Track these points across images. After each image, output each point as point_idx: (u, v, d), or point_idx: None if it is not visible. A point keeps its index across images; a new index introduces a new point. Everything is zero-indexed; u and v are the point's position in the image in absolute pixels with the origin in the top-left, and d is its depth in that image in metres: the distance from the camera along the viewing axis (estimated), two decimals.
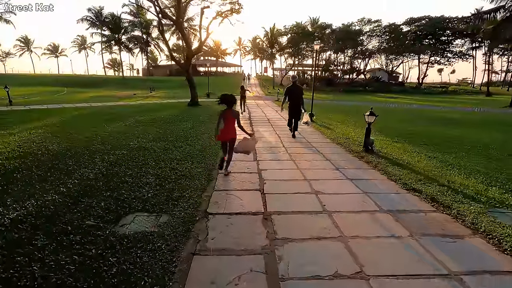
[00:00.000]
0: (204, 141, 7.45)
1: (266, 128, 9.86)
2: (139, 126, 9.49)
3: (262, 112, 14.85)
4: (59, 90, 29.52)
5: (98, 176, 4.54)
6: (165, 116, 12.16)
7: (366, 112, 6.60)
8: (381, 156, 6.21)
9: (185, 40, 16.00)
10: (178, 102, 19.64)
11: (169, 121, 10.85)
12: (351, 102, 24.81)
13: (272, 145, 7.28)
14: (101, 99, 21.24)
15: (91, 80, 46.42)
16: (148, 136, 7.84)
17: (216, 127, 5.07)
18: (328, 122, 11.58)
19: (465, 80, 75.28)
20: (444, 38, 50.92)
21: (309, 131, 9.40)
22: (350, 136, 8.56)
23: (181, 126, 9.62)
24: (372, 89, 48.78)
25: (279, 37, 48.97)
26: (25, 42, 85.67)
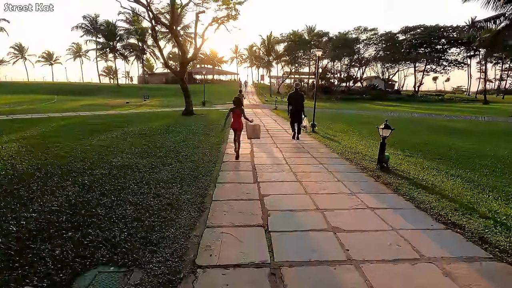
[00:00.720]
0: (197, 157, 6.63)
1: (267, 140, 9.06)
2: (127, 139, 8.64)
3: (260, 121, 14.09)
4: (49, 98, 28.58)
5: (63, 206, 3.68)
6: (157, 127, 11.33)
7: (380, 125, 5.84)
8: (398, 175, 5.44)
9: (180, 47, 15.32)
10: (172, 111, 18.84)
11: (160, 132, 10.02)
12: (351, 111, 24.22)
13: (274, 161, 6.48)
14: (92, 107, 20.37)
15: (85, 88, 45.51)
16: (135, 151, 7.00)
17: (224, 120, 7.17)
18: (331, 133, 10.84)
19: (460, 88, 75.76)
20: (439, 47, 51.31)
21: (313, 144, 8.62)
22: (358, 150, 7.80)
23: (172, 139, 8.79)
24: (369, 97, 48.54)
25: (276, 44, 48.76)
26: (19, 49, 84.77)
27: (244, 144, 8.26)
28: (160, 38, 44.43)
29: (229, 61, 73.57)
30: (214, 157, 6.65)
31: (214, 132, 10.41)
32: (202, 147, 7.72)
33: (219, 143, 8.36)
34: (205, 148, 7.53)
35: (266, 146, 8.21)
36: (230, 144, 8.29)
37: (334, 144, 8.57)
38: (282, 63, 54.40)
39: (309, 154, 7.28)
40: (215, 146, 7.83)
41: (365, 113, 22.42)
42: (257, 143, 8.42)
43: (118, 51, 49.26)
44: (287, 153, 7.31)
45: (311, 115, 11.66)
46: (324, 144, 8.58)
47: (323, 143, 8.74)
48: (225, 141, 8.64)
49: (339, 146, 8.31)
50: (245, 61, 70.57)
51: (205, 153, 7.03)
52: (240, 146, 6.80)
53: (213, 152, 7.16)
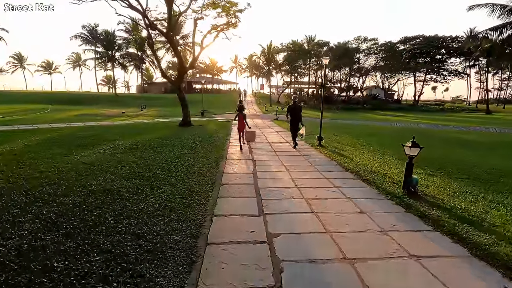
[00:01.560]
0: (192, 178, 5.74)
1: (270, 156, 8.19)
2: (115, 155, 7.76)
3: (261, 133, 13.26)
4: (44, 108, 27.80)
5: (7, 258, 2.78)
6: (150, 139, 10.47)
7: (406, 143, 4.99)
8: (431, 203, 4.56)
9: (177, 56, 14.60)
10: (169, 121, 18.02)
11: (153, 146, 9.15)
12: (353, 121, 23.46)
13: (281, 183, 5.59)
14: (86, 118, 19.54)
15: (82, 97, 44.83)
16: (121, 171, 6.11)
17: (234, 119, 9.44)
18: (339, 147, 9.99)
19: (459, 97, 75.68)
20: (439, 57, 51.35)
21: (322, 160, 7.74)
22: (374, 168, 6.93)
23: (165, 155, 7.92)
24: (370, 107, 48.07)
25: (276, 54, 48.48)
26: (18, 59, 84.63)
27: (246, 161, 7.39)
28: (159, 47, 44.16)
29: (228, 70, 73.37)
30: (211, 178, 5.77)
31: (213, 146, 9.54)
32: (198, 164, 6.84)
33: (218, 160, 7.48)
34: (201, 166, 6.65)
35: (271, 162, 7.33)
36: (230, 161, 7.42)
37: (345, 160, 7.70)
38: (282, 73, 54.10)
39: (319, 173, 6.40)
40: (213, 164, 6.95)
41: (369, 124, 21.66)
42: (261, 160, 7.54)
43: (116, 60, 48.84)
44: (294, 171, 6.43)
45: (316, 127, 10.85)
46: (334, 161, 7.71)
47: (333, 159, 7.87)
48: (224, 158, 7.76)
49: (351, 163, 7.44)
50: (245, 70, 70.40)
51: (202, 172, 6.14)
52: (243, 140, 9.18)
53: (211, 171, 6.28)
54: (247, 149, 9.10)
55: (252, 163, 7.23)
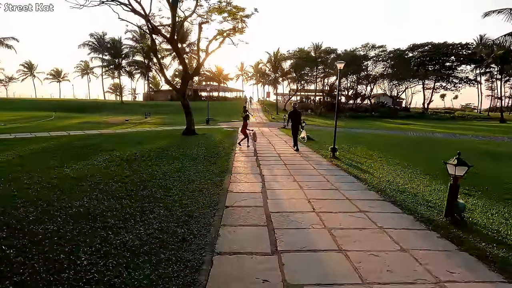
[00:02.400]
0: (191, 198, 4.93)
1: (280, 170, 7.34)
2: (109, 167, 7.03)
3: (269, 143, 12.44)
4: (48, 115, 27.55)
5: None
6: (150, 150, 9.74)
7: (450, 160, 4.10)
8: (485, 236, 3.65)
9: (181, 61, 14.01)
10: (173, 129, 17.36)
11: (152, 158, 8.40)
12: (365, 130, 22.50)
13: (296, 206, 4.73)
14: (88, 126, 19.03)
15: (88, 105, 44.87)
16: (111, 188, 5.35)
17: None
18: (355, 160, 9.10)
19: (469, 105, 74.04)
20: (449, 64, 50.36)
21: (340, 175, 6.85)
22: (401, 185, 6.04)
23: (164, 168, 7.15)
24: (378, 115, 47.07)
25: (282, 61, 48.03)
26: (28, 67, 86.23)
27: (255, 176, 6.55)
28: (166, 54, 44.11)
29: (234, 78, 73.30)
30: (214, 198, 4.96)
31: (217, 157, 8.75)
32: (199, 180, 6.04)
33: (222, 174, 6.67)
34: (203, 183, 5.85)
35: (281, 178, 6.48)
36: (235, 175, 6.60)
37: (366, 176, 6.82)
38: (289, 80, 53.57)
39: (339, 192, 5.53)
40: (217, 180, 6.14)
41: (381, 133, 20.69)
42: (270, 175, 6.71)
43: (123, 68, 48.97)
44: (309, 190, 5.57)
45: (327, 136, 9.99)
46: (353, 176, 6.82)
47: (352, 175, 6.98)
48: (228, 172, 6.95)
49: (373, 179, 6.56)
50: (251, 78, 70.23)
51: (203, 191, 5.33)
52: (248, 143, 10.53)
53: (214, 189, 5.46)
54: (254, 161, 8.28)
55: (260, 178, 6.40)
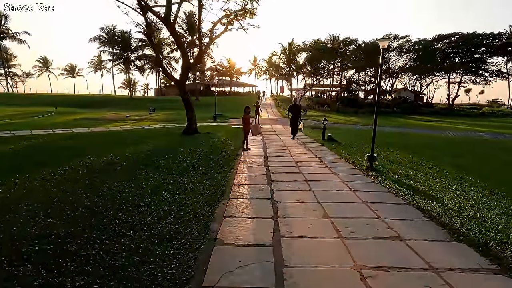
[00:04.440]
0: (166, 244, 2.83)
1: (302, 193, 5.10)
2: (64, 183, 5.05)
3: (283, 145, 10.20)
4: (49, 110, 26.32)
5: None
6: (135, 154, 7.76)
7: None
8: None
9: (181, 48, 11.91)
10: (175, 127, 15.42)
11: (131, 167, 6.40)
12: (392, 128, 19.82)
13: (333, 274, 2.55)
14: (84, 122, 17.41)
15: (97, 100, 43.87)
16: (64, 209, 3.44)
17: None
18: (401, 172, 6.76)
19: (496, 101, 68.71)
20: (478, 56, 46.12)
21: (393, 206, 4.54)
22: (488, 222, 3.71)
23: (137, 185, 5.10)
24: (400, 111, 43.71)
25: (297, 53, 45.27)
26: (44, 62, 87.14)
27: (263, 205, 4.35)
28: (174, 48, 42.38)
29: (247, 73, 70.97)
30: (186, 264, 2.83)
31: (216, 167, 6.64)
32: (176, 214, 3.93)
33: (215, 199, 4.54)
34: (181, 220, 3.73)
35: (307, 212, 4.25)
36: (234, 203, 4.43)
37: (433, 206, 4.49)
38: (304, 74, 50.79)
39: (400, 239, 3.29)
40: (204, 213, 4.01)
41: (412, 132, 18.00)
42: (290, 203, 4.49)
43: (132, 62, 47.65)
44: (356, 243, 3.33)
45: (350, 135, 7.66)
46: (415, 207, 4.50)
47: (406, 199, 4.69)
48: (225, 195, 4.80)
49: (440, 208, 4.28)
50: (264, 72, 67.77)
51: (174, 240, 3.21)
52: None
53: (192, 238, 3.33)
54: (264, 175, 6.09)
55: (272, 209, 4.20)
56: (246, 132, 9.03)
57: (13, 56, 67.40)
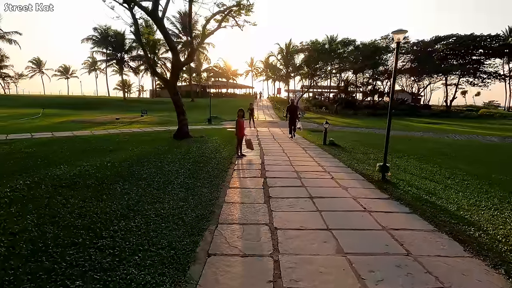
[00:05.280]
0: None
1: (308, 215, 4.21)
2: (32, 201, 4.11)
3: (282, 151, 9.31)
4: (36, 112, 25.17)
5: None
6: (117, 161, 6.82)
7: None
8: None
9: (169, 44, 10.96)
10: (165, 130, 14.47)
11: (112, 176, 5.50)
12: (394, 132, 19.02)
13: None
14: (70, 125, 16.38)
15: (89, 102, 42.71)
16: None
17: None
18: (417, 183, 5.90)
19: (492, 103, 68.64)
20: (476, 58, 45.81)
21: (422, 233, 3.63)
22: None
23: (118, 198, 4.18)
24: (399, 113, 43.11)
25: (295, 54, 44.49)
26: (37, 63, 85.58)
27: (258, 234, 3.43)
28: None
29: (244, 74, 70.12)
30: None
31: (206, 179, 5.73)
32: (160, 238, 3.02)
33: (198, 228, 3.62)
34: (165, 247, 2.84)
35: (316, 245, 3.36)
36: (223, 230, 3.48)
37: (466, 232, 3.62)
38: (301, 76, 50.06)
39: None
40: (190, 237, 3.13)
41: (417, 135, 17.21)
42: (293, 231, 3.59)
43: (126, 62, 46.57)
44: (374, 272, 2.47)
45: (356, 139, 6.82)
46: (434, 226, 3.64)
47: (434, 223, 3.82)
48: (212, 220, 3.89)
49: (484, 239, 3.40)
50: (261, 74, 67.01)
51: (156, 275, 2.31)
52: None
53: (173, 275, 2.42)
54: (262, 193, 5.18)
55: (271, 244, 3.27)
56: (240, 138, 8.11)
57: (5, 57, 65.96)
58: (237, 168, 6.85)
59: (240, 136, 8.05)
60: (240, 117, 8.01)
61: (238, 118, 8.01)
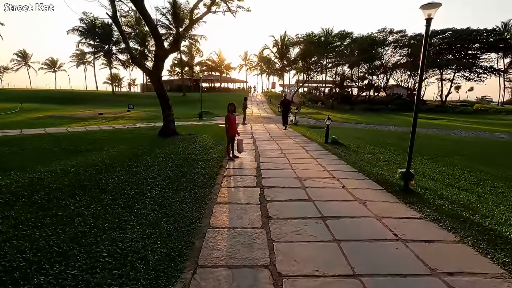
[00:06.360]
0: None
1: (327, 252, 3.13)
2: None
3: (280, 151, 8.18)
4: (14, 107, 23.50)
5: None
6: (84, 166, 5.61)
7: None
8: None
9: (152, 31, 9.57)
10: (151, 127, 13.19)
11: (70, 186, 4.32)
12: (397, 128, 18.10)
13: None
14: (47, 121, 14.96)
15: (75, 96, 40.83)
16: None
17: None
18: (446, 194, 4.85)
19: (485, 98, 68.70)
20: (472, 52, 45.25)
21: (475, 276, 2.60)
22: None
23: (67, 221, 3.01)
24: (395, 108, 42.42)
25: (290, 47, 43.18)
26: (22, 56, 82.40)
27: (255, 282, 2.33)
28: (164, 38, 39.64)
29: (237, 68, 68.48)
30: None
31: (189, 189, 4.58)
32: None
33: (173, 266, 2.49)
34: None
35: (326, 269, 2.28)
36: (208, 275, 2.35)
37: None
38: (295, 70, 48.83)
39: None
40: None
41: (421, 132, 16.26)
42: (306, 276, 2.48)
43: (114, 55, 44.62)
44: None
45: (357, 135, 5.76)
46: (499, 265, 2.59)
47: (496, 260, 2.76)
48: (192, 254, 2.75)
49: None
50: (255, 68, 65.56)
51: None
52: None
53: None
54: (258, 211, 4.06)
55: None
56: (231, 137, 6.93)
57: None
58: (228, 174, 5.71)
59: (231, 134, 6.88)
60: (230, 112, 6.81)
61: (229, 114, 6.80)
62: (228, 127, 6.79)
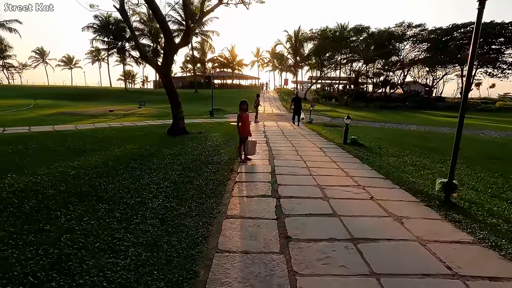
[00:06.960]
0: None
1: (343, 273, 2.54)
2: None
3: (295, 153, 7.54)
4: (28, 103, 23.70)
5: None
6: (85, 168, 5.18)
7: None
8: None
9: (161, 24, 9.04)
10: (161, 125, 12.80)
11: (66, 193, 3.86)
12: (419, 127, 17.08)
13: None
14: (59, 118, 14.83)
15: (90, 93, 41.37)
16: None
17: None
18: (496, 209, 4.12)
19: (508, 95, 65.25)
20: (496, 47, 42.70)
21: None
22: None
23: (54, 237, 2.51)
24: (412, 105, 40.77)
25: (304, 42, 42.09)
26: (40, 53, 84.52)
27: None
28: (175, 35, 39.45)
29: (250, 64, 67.84)
30: None
31: (195, 200, 4.05)
32: None
33: None
34: None
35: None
36: None
37: None
38: (309, 66, 47.70)
39: None
40: None
41: (445, 131, 15.24)
42: None
43: (127, 51, 44.82)
44: None
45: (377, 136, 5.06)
46: None
47: None
48: None
49: None
50: (267, 64, 64.73)
51: None
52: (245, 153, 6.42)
53: None
54: (275, 229, 3.48)
55: None
56: (244, 138, 6.35)
57: (8, 47, 64.71)
58: (240, 180, 5.14)
59: (243, 135, 6.30)
60: (243, 110, 6.22)
61: (241, 112, 6.21)
62: (240, 127, 6.22)
